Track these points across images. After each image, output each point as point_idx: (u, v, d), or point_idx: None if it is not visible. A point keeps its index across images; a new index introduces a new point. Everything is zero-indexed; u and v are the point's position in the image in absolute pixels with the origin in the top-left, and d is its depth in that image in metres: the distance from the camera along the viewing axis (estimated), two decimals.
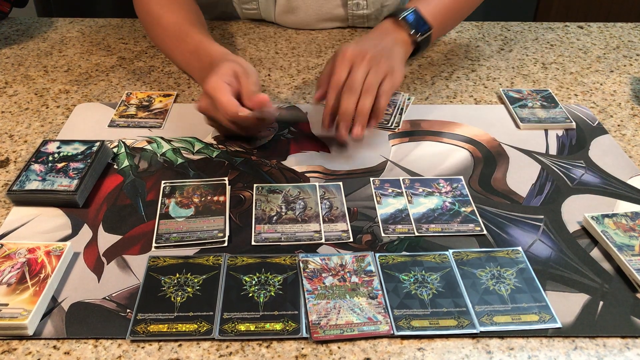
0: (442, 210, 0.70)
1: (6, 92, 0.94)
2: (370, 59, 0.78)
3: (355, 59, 0.78)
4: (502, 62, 1.05)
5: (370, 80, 0.77)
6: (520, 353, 0.54)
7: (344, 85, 0.77)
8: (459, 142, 0.83)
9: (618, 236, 0.65)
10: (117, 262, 0.63)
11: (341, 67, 0.78)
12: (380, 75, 0.78)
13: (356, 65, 0.77)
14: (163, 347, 0.54)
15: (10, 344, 0.54)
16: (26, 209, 0.70)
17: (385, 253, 0.64)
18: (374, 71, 0.77)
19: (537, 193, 0.73)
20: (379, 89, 0.77)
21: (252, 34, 1.14)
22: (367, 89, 0.76)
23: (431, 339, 0.55)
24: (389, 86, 0.78)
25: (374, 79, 0.77)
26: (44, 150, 0.76)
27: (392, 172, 0.77)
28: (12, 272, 0.59)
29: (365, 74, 0.77)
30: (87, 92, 0.94)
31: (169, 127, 0.85)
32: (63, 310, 0.57)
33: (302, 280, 0.60)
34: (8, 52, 1.07)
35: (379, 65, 0.78)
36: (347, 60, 0.78)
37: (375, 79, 0.77)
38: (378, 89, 0.77)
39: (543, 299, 0.59)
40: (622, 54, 1.08)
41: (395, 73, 0.79)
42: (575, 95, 0.95)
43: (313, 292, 0.59)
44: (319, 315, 0.57)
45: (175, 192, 0.72)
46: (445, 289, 0.60)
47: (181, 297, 0.58)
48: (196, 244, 0.65)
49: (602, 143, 0.83)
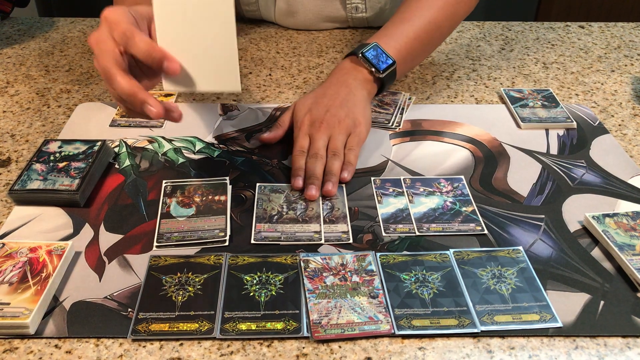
0: (443, 210, 0.70)
1: (8, 91, 0.95)
2: (329, 124, 0.76)
3: (311, 129, 0.77)
4: (503, 61, 1.05)
5: (335, 144, 0.75)
6: (521, 352, 0.54)
7: (308, 151, 0.76)
8: (460, 142, 0.83)
9: (619, 236, 0.65)
10: (118, 261, 0.63)
11: (301, 137, 0.77)
12: (344, 136, 0.76)
13: (316, 134, 0.76)
14: (164, 347, 0.54)
15: (12, 343, 0.55)
16: (28, 208, 0.70)
17: (386, 252, 0.64)
18: (336, 134, 0.76)
19: (538, 193, 0.73)
20: (346, 147, 0.76)
21: (253, 33, 1.14)
22: (332, 153, 0.75)
23: (432, 338, 0.55)
24: (355, 142, 0.76)
25: (339, 142, 0.76)
26: (46, 149, 0.76)
27: (393, 172, 0.77)
28: (13, 272, 0.59)
29: (327, 140, 0.76)
30: (88, 91, 0.95)
31: (170, 127, 0.85)
32: (64, 310, 0.57)
33: (303, 279, 0.60)
34: (9, 52, 1.07)
35: (340, 125, 0.77)
36: (304, 132, 0.77)
37: (340, 142, 0.76)
38: (344, 147, 0.76)
39: (544, 298, 0.59)
40: (623, 54, 1.08)
41: (358, 127, 0.77)
42: (576, 94, 0.95)
43: (314, 292, 0.59)
44: (319, 315, 0.57)
45: (176, 192, 0.72)
46: (446, 289, 0.60)
47: (182, 296, 0.59)
48: (197, 243, 0.65)
49: (603, 143, 0.83)
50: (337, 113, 0.78)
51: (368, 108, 0.81)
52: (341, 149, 0.76)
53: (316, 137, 0.76)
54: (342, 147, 0.76)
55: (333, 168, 0.73)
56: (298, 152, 0.76)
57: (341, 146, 0.76)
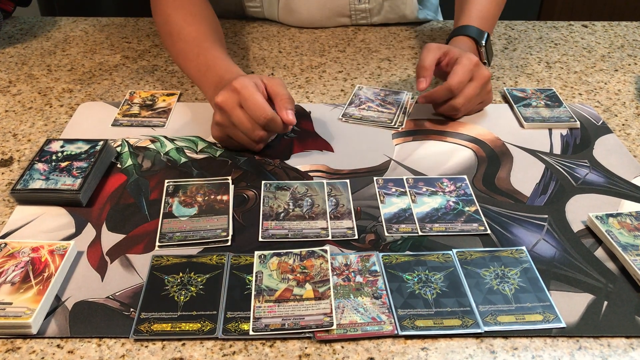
0: (446, 210, 0.70)
1: (10, 91, 0.95)
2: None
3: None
4: (506, 61, 1.05)
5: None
6: (524, 353, 0.54)
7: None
8: (462, 142, 0.83)
9: (622, 236, 0.65)
10: (120, 261, 0.63)
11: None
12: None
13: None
14: (166, 346, 0.54)
15: (14, 342, 0.55)
16: (30, 208, 0.70)
17: (388, 253, 0.64)
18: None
19: (541, 192, 0.73)
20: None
21: (255, 32, 1.14)
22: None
23: (435, 338, 0.55)
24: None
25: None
26: (48, 149, 0.76)
27: (395, 172, 0.77)
28: (16, 271, 0.59)
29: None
30: (90, 91, 0.95)
31: (172, 126, 0.85)
32: (67, 309, 0.57)
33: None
34: (12, 51, 1.07)
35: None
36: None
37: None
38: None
39: (547, 298, 0.59)
40: (627, 53, 1.08)
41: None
42: (579, 94, 0.95)
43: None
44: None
45: (178, 191, 0.72)
46: (449, 289, 0.60)
47: (184, 296, 0.58)
48: (199, 243, 0.65)
49: (607, 142, 0.83)
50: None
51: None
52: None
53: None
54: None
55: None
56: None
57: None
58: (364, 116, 0.88)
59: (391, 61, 1.04)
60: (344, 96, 0.94)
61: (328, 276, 0.60)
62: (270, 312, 0.56)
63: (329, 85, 0.97)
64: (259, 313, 0.56)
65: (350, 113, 0.88)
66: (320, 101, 0.92)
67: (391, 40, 1.11)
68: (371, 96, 0.93)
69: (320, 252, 0.62)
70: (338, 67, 1.02)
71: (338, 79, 0.99)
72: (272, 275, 0.60)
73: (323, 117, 0.87)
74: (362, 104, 0.90)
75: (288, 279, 0.59)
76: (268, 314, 0.56)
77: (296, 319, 0.55)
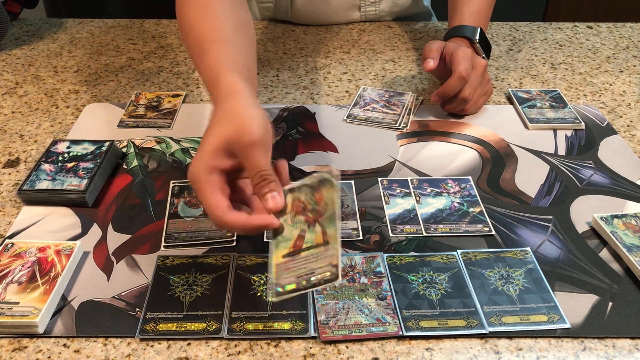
0: (451, 211, 0.70)
1: (17, 92, 0.95)
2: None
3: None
4: (511, 62, 1.05)
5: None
6: (528, 353, 0.54)
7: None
8: (467, 143, 0.83)
9: (627, 237, 0.65)
10: (126, 261, 0.63)
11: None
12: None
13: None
14: (172, 346, 0.55)
15: (21, 342, 0.55)
16: (36, 208, 0.70)
17: (393, 253, 0.64)
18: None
19: (546, 193, 0.73)
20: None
21: (260, 34, 1.14)
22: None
23: (439, 339, 0.55)
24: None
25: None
26: (54, 150, 0.77)
27: (400, 172, 0.77)
28: (22, 271, 0.60)
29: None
30: (96, 92, 0.95)
31: (177, 127, 0.86)
32: (73, 309, 0.58)
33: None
34: (18, 53, 1.07)
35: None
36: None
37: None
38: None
39: (552, 299, 0.59)
40: (632, 54, 1.08)
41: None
42: (584, 95, 0.95)
43: (322, 292, 0.59)
44: (327, 315, 0.57)
45: (184, 192, 0.72)
46: (454, 290, 0.60)
47: (190, 296, 0.59)
48: (205, 243, 0.65)
49: (612, 143, 0.83)
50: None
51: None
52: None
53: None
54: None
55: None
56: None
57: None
58: (369, 117, 0.88)
59: (396, 62, 1.04)
60: (348, 97, 0.94)
61: (335, 207, 0.55)
62: (286, 270, 0.54)
63: (334, 87, 0.97)
64: (279, 275, 0.54)
65: (355, 114, 0.88)
66: (325, 102, 0.92)
67: (396, 42, 1.11)
68: (376, 97, 0.93)
69: (330, 178, 0.57)
70: (343, 69, 1.02)
71: (343, 80, 0.99)
72: (286, 220, 0.57)
73: (328, 118, 0.88)
74: (367, 105, 0.91)
75: (300, 222, 0.57)
76: (284, 272, 0.54)
77: (307, 274, 0.53)
